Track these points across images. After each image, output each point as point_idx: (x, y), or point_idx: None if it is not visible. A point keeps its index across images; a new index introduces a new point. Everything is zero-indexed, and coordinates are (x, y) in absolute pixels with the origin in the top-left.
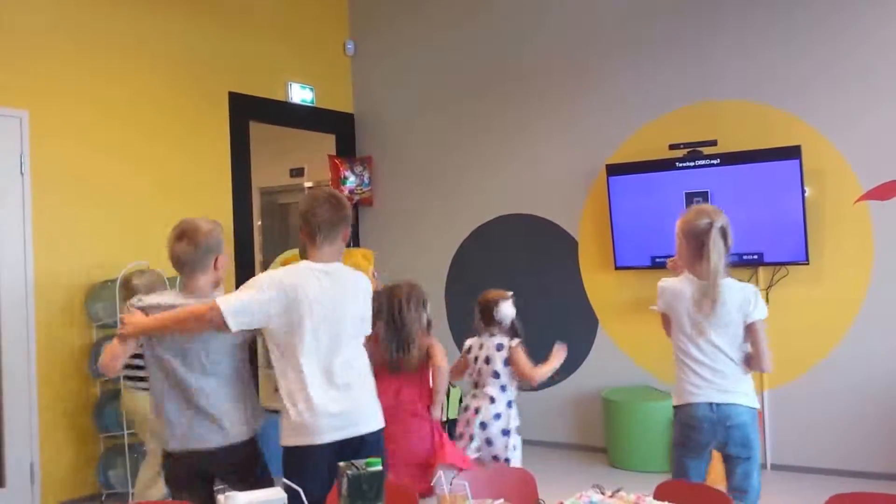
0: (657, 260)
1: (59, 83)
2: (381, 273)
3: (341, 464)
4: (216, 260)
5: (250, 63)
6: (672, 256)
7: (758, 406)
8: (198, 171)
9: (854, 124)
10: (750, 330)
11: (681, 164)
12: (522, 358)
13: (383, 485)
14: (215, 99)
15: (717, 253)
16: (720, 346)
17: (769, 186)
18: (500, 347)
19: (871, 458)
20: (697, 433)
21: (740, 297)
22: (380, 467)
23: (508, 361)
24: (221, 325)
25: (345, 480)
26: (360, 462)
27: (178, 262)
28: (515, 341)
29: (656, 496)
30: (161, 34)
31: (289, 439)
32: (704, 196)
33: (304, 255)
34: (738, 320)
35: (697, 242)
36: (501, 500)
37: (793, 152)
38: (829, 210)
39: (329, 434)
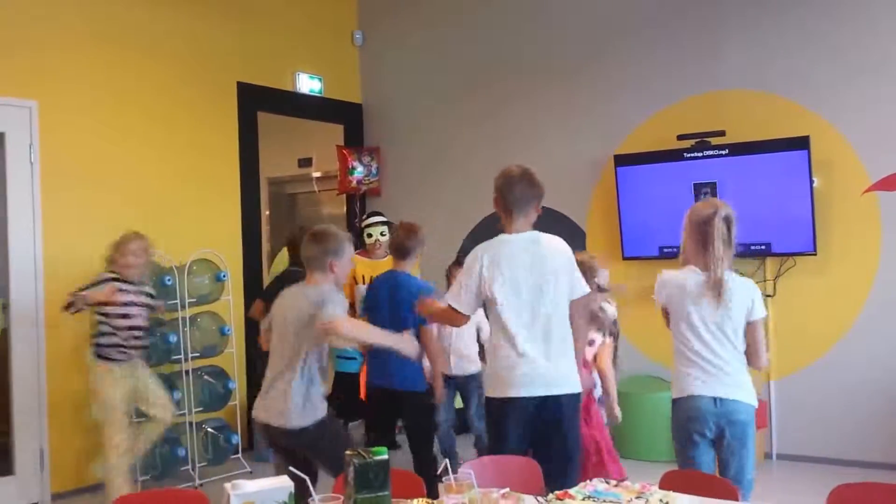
0: (665, 250)
1: (68, 73)
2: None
3: (348, 451)
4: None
5: (259, 53)
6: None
7: (756, 403)
8: (206, 161)
9: (863, 115)
10: (749, 328)
11: (689, 155)
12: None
13: (389, 473)
14: (224, 89)
15: (721, 242)
16: (723, 338)
17: (777, 177)
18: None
19: (877, 447)
20: (700, 425)
21: (743, 292)
22: (386, 456)
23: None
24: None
25: (351, 469)
26: (366, 450)
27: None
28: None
29: (662, 485)
30: (170, 24)
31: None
32: (713, 187)
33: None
34: (740, 315)
35: (701, 232)
36: (507, 489)
37: (801, 143)
38: (838, 201)
39: (526, 389)
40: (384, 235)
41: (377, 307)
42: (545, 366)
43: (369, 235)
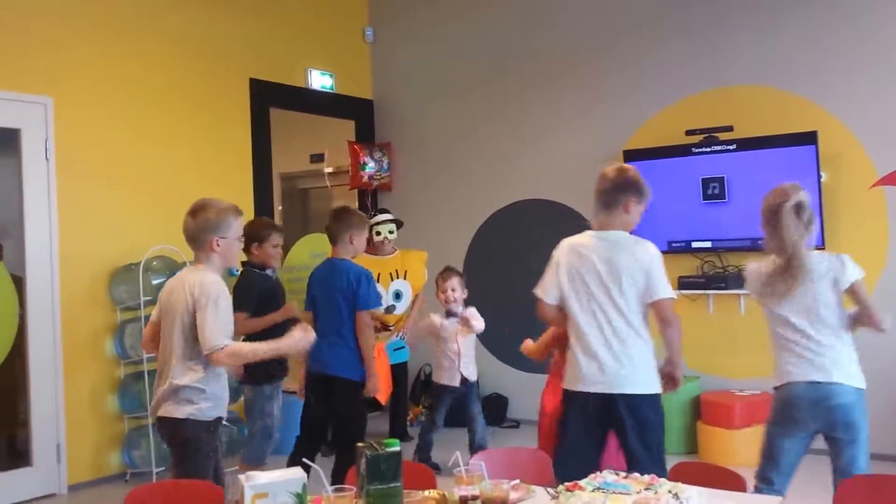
0: (673, 244)
1: (83, 70)
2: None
3: (359, 444)
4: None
5: (271, 50)
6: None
7: (863, 386)
8: (220, 157)
9: (870, 110)
10: (850, 293)
11: (697, 150)
12: None
13: (401, 464)
14: (236, 85)
15: (793, 226)
16: (816, 320)
17: (785, 172)
18: None
19: (886, 440)
20: (795, 410)
21: (825, 265)
22: (398, 448)
23: None
24: None
25: (363, 460)
26: (378, 442)
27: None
28: None
29: (671, 477)
30: (184, 22)
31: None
32: (721, 182)
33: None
34: (827, 290)
35: (773, 221)
36: (517, 481)
37: (809, 138)
38: (845, 195)
39: (593, 386)
40: (392, 233)
41: (314, 296)
42: (609, 366)
43: (378, 233)
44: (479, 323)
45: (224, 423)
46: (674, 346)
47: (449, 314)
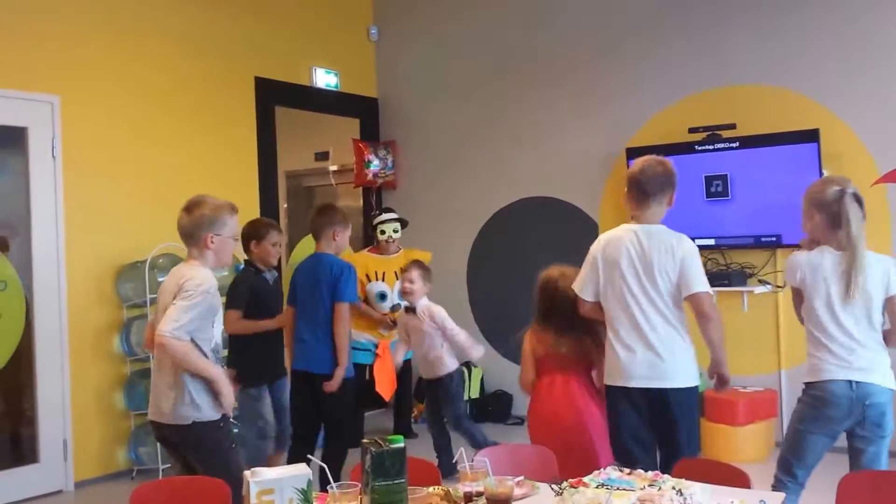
0: None
1: (90, 69)
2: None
3: (365, 440)
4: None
5: (276, 48)
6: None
7: (895, 387)
8: (225, 155)
9: (871, 108)
10: (889, 303)
11: (700, 148)
12: None
13: (406, 461)
14: (242, 84)
15: (856, 220)
16: (862, 319)
17: (788, 169)
18: None
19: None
20: (833, 409)
21: (880, 269)
22: (402, 444)
23: None
24: None
25: (368, 457)
26: (383, 438)
27: None
28: None
29: (674, 474)
30: (190, 20)
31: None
32: (724, 179)
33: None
34: (878, 291)
35: (831, 212)
36: (521, 477)
37: (811, 136)
38: None
39: (633, 381)
40: (397, 232)
41: (298, 288)
42: (648, 360)
43: (382, 232)
44: (472, 351)
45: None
46: (714, 343)
47: (408, 309)
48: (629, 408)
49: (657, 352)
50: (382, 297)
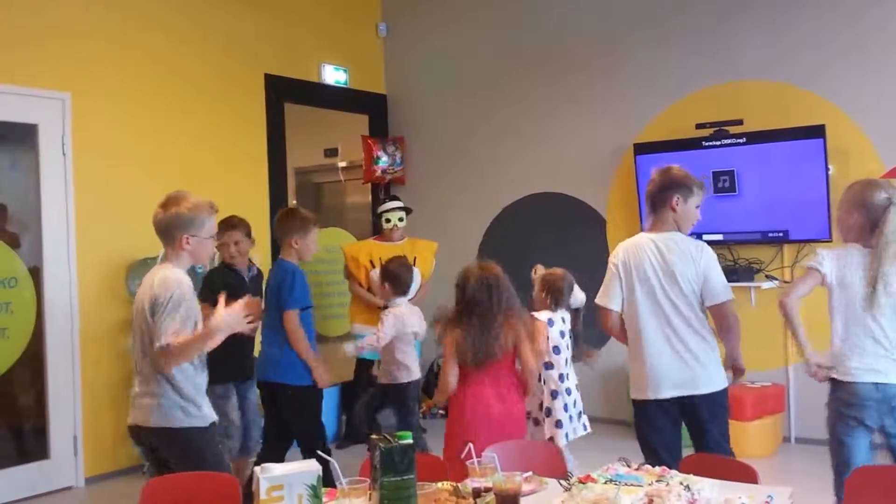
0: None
1: (100, 66)
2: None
3: (373, 436)
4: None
5: (285, 45)
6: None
7: None
8: (235, 152)
9: (877, 104)
10: None
11: (707, 144)
12: None
13: (415, 457)
14: (251, 81)
15: (892, 231)
16: (892, 321)
17: (794, 165)
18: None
19: None
20: (861, 412)
21: None
22: (411, 440)
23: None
24: None
25: (377, 453)
26: (391, 434)
27: None
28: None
29: (682, 469)
30: (199, 17)
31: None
32: (731, 175)
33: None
34: None
35: (873, 216)
36: (530, 473)
37: (817, 131)
38: None
39: (664, 392)
40: (402, 221)
41: (265, 297)
42: (677, 369)
43: (387, 220)
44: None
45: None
46: (734, 344)
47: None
48: (663, 420)
49: (685, 360)
50: None
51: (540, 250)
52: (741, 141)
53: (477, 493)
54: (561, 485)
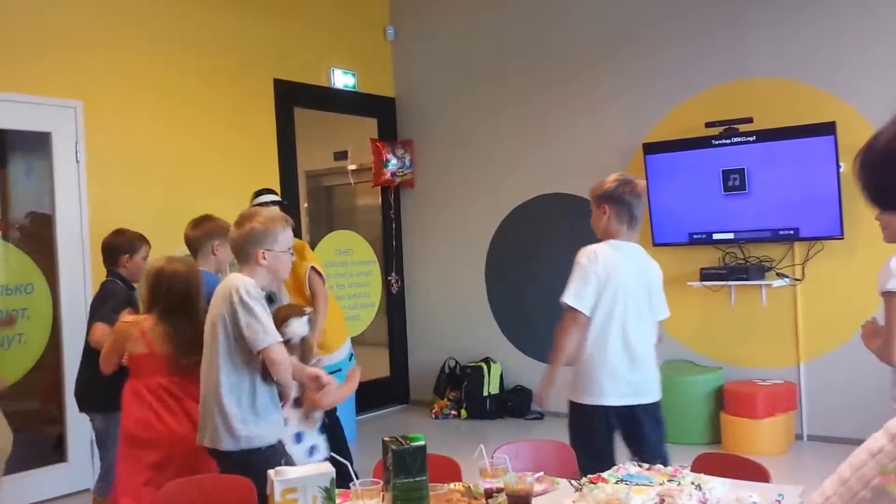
0: (694, 237)
1: (111, 73)
2: None
3: (385, 438)
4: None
5: (294, 50)
6: None
7: None
8: (246, 156)
9: (888, 101)
10: None
11: (717, 142)
12: None
13: (426, 458)
14: (261, 86)
15: None
16: None
17: (805, 163)
18: None
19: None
20: None
21: None
22: (423, 442)
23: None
24: None
25: (389, 455)
26: (403, 436)
27: None
28: None
29: (694, 468)
30: (208, 25)
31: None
32: (741, 173)
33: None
34: None
35: None
36: (541, 473)
37: (828, 129)
38: None
39: (615, 399)
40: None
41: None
42: (632, 377)
43: None
44: None
45: None
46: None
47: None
48: (606, 426)
49: (645, 368)
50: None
51: (549, 251)
52: (751, 139)
53: (489, 494)
54: (572, 485)
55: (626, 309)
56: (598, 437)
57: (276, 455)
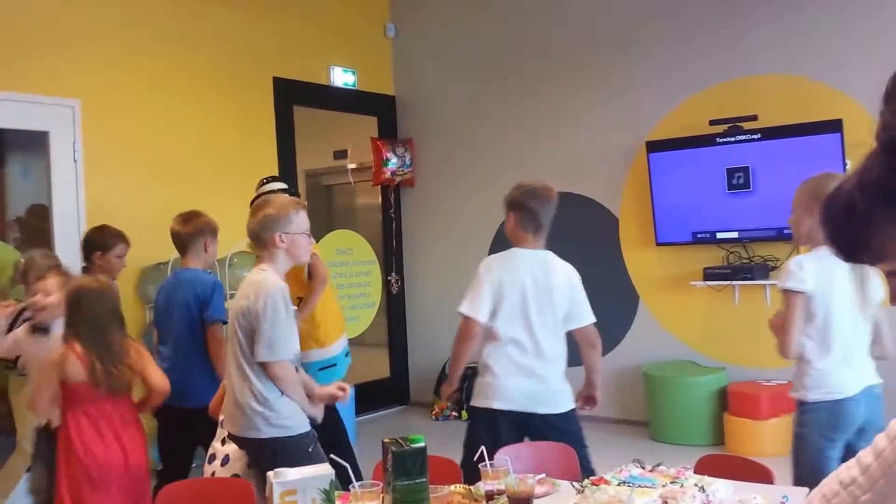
0: (698, 236)
1: (109, 72)
2: None
3: (385, 440)
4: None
5: (294, 48)
6: None
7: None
8: (246, 155)
9: None
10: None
11: (721, 140)
12: None
13: (427, 460)
14: (261, 84)
15: None
16: (863, 324)
17: (810, 160)
18: None
19: None
20: (849, 425)
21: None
22: (423, 444)
23: None
24: None
25: (389, 457)
26: (403, 438)
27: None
28: None
29: (697, 470)
30: (207, 23)
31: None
32: (746, 171)
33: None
34: (878, 293)
35: None
36: (543, 475)
37: (834, 126)
38: None
39: (510, 404)
40: None
41: (159, 314)
42: (531, 386)
43: None
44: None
45: None
46: (598, 370)
47: (37, 329)
48: (492, 430)
49: (545, 377)
50: None
51: (551, 250)
52: (756, 137)
53: (490, 496)
54: (574, 487)
55: (524, 316)
56: (481, 440)
57: (307, 440)
